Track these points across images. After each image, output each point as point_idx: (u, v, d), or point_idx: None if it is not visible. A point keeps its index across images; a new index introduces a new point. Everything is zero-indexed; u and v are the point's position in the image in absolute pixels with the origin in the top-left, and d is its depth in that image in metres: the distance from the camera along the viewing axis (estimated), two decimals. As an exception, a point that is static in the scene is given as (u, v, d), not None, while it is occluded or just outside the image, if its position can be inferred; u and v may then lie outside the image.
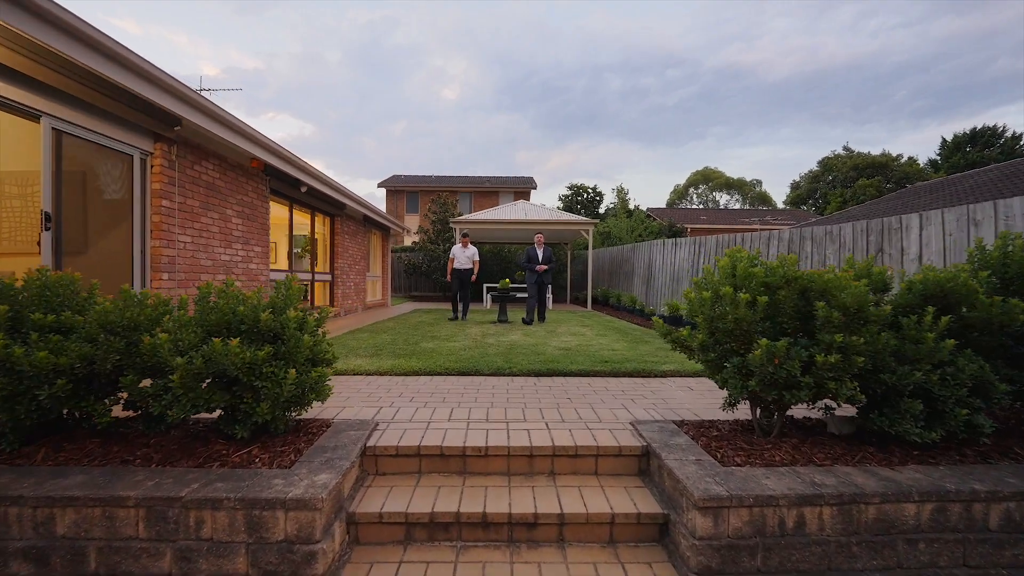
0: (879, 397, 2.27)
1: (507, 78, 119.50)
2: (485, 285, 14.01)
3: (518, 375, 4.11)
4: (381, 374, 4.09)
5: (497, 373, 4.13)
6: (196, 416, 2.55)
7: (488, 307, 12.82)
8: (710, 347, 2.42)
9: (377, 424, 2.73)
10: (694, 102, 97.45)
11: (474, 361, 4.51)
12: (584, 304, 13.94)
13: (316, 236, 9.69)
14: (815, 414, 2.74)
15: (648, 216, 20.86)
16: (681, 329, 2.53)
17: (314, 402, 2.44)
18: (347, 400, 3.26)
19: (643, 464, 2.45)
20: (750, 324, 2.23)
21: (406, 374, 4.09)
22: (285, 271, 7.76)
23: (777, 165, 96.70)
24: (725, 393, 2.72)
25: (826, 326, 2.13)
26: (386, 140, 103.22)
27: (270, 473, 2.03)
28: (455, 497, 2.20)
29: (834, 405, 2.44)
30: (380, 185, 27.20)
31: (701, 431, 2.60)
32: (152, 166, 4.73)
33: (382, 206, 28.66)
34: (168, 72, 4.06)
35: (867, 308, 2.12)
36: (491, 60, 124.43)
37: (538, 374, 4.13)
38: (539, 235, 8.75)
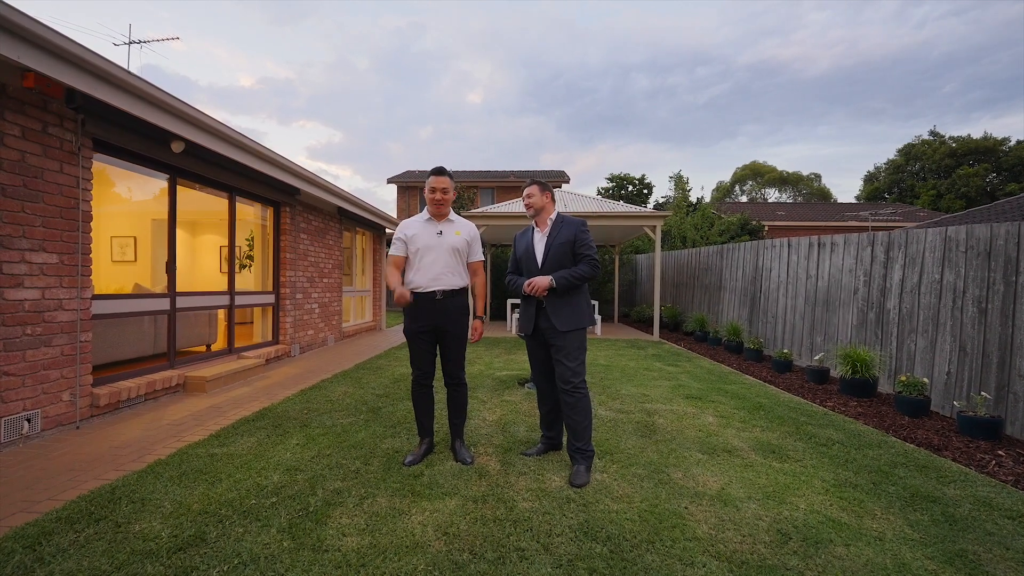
0: None
1: (533, 80, 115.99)
2: (509, 301, 10.45)
3: None
4: None
5: None
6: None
7: (511, 331, 9.25)
8: None
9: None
10: (726, 99, 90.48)
11: None
12: (645, 328, 10.18)
13: (249, 236, 6.39)
14: None
15: (714, 212, 16.86)
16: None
17: None
18: None
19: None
20: None
21: None
22: (163, 296, 4.43)
23: (816, 163, 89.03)
24: None
25: None
26: (413, 145, 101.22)
27: None
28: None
29: None
30: (390, 181, 24.00)
31: None
32: None
33: (393, 205, 25.54)
34: None
35: None
36: (516, 62, 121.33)
37: None
38: (532, 187, 2.76)
